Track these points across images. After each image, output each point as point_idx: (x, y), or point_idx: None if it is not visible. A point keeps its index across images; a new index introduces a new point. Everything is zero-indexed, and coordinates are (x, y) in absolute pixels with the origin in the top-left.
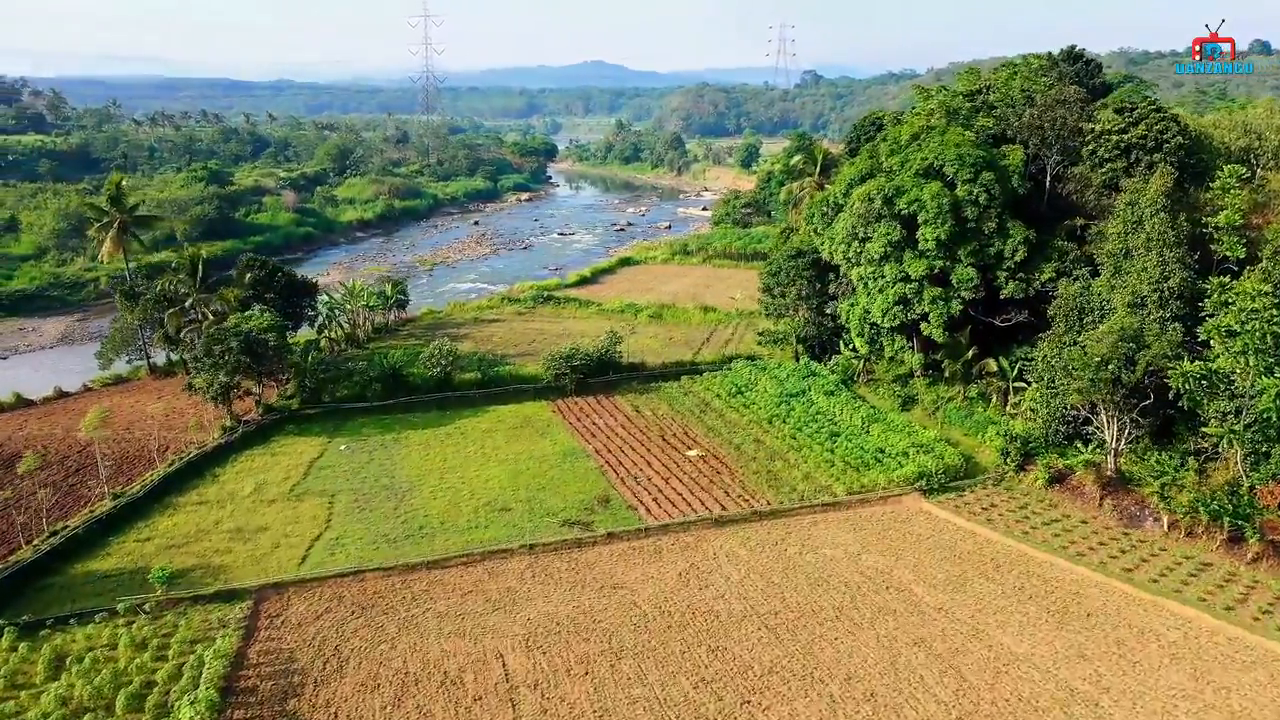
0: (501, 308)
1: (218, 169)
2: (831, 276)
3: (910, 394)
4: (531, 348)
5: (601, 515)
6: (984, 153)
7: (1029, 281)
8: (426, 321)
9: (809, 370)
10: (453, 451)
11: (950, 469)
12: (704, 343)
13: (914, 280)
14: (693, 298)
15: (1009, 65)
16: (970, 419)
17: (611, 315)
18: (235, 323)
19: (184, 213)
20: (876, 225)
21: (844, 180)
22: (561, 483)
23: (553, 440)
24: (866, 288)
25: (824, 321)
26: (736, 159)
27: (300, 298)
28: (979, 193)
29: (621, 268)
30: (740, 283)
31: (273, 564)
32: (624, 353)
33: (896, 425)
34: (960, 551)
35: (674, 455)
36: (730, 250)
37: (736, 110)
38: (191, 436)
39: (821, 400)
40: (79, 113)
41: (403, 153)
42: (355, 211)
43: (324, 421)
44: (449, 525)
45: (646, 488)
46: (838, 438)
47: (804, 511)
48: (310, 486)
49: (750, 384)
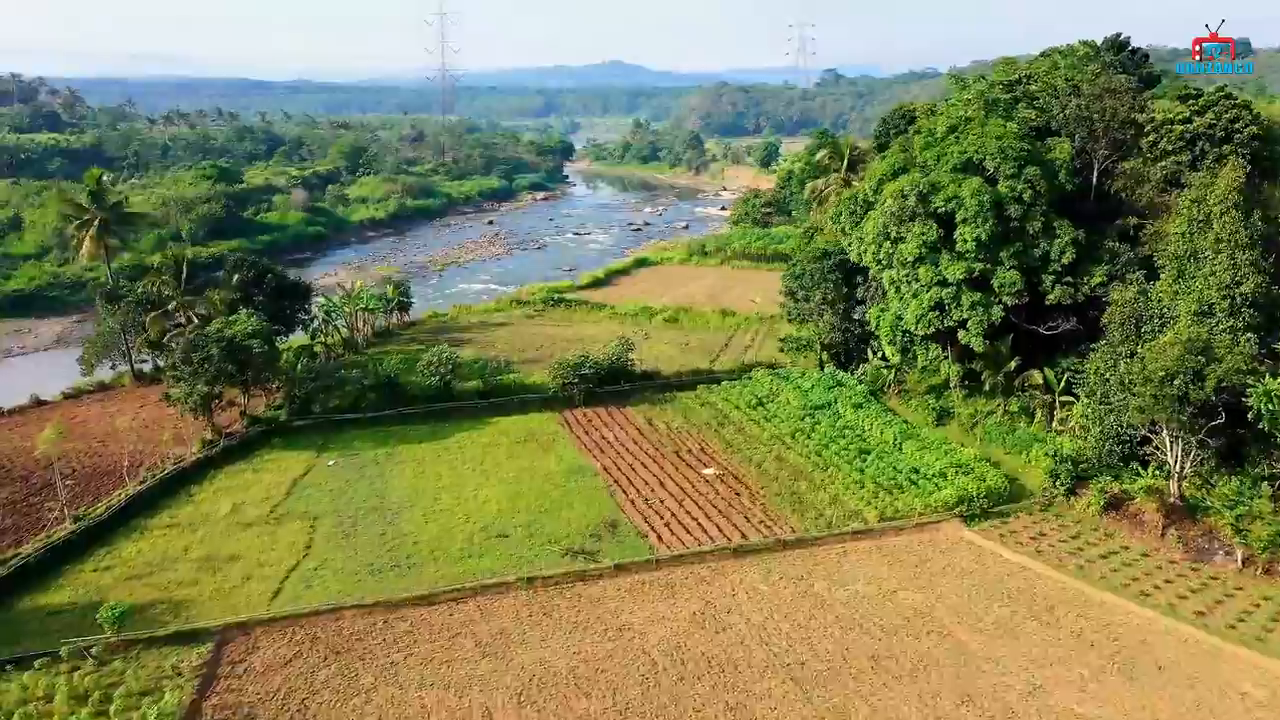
0: (509, 310)
1: (227, 167)
2: (859, 279)
3: (945, 407)
4: (539, 354)
5: (609, 543)
6: (1028, 146)
7: (1077, 286)
8: (430, 325)
9: (835, 380)
10: (449, 468)
11: (993, 492)
12: (722, 349)
13: (951, 284)
14: (711, 300)
15: (1049, 55)
16: (1012, 436)
17: (625, 319)
18: (218, 328)
19: (189, 211)
20: (910, 224)
21: (874, 176)
22: (566, 505)
23: (558, 456)
24: (899, 292)
25: (851, 328)
26: (756, 158)
27: (293, 300)
28: (1023, 189)
29: (637, 269)
30: (760, 285)
31: (241, 599)
32: (637, 360)
33: (931, 442)
34: (1008, 589)
35: (689, 474)
36: (749, 251)
37: (756, 110)
38: (169, 451)
39: (849, 413)
40: (94, 111)
41: (418, 151)
42: (367, 210)
43: (313, 434)
44: (440, 554)
45: (659, 511)
46: (867, 456)
47: (832, 540)
48: (292, 507)
49: (772, 395)
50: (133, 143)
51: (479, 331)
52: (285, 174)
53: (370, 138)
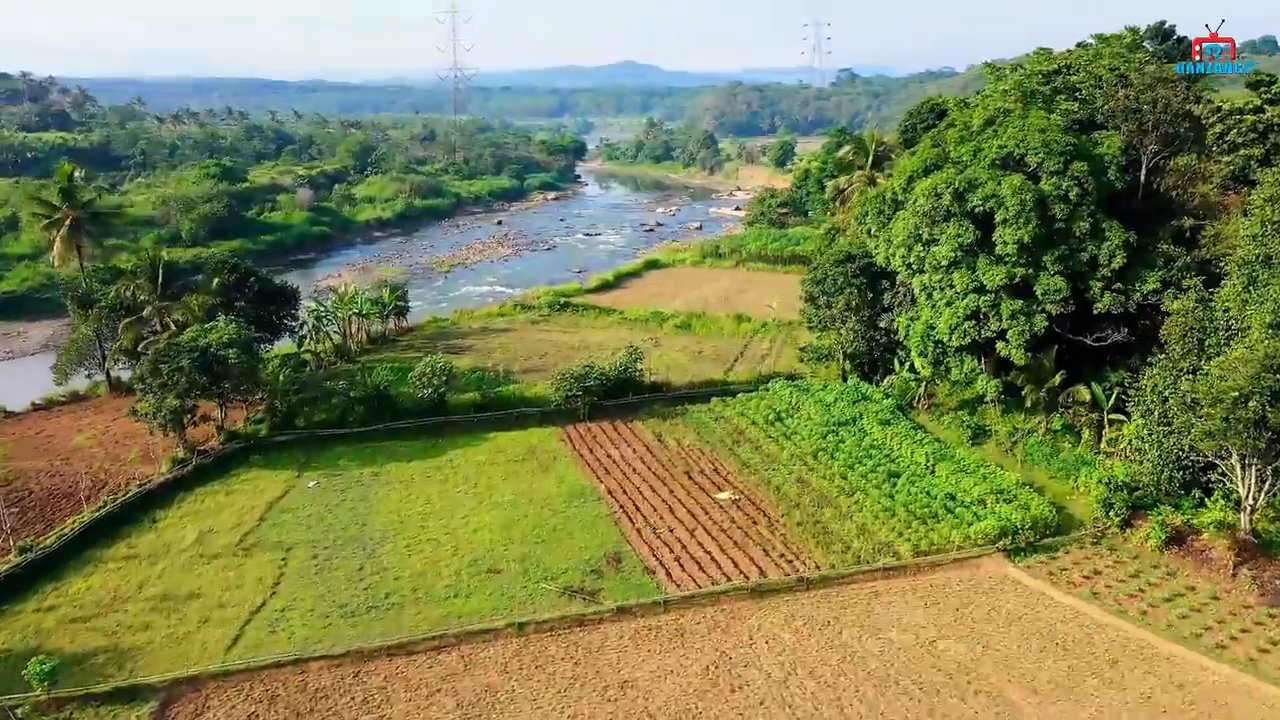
0: (513, 315)
1: (231, 166)
2: (885, 285)
3: (981, 424)
4: (543, 362)
5: (611, 580)
6: (1074, 139)
7: (1128, 293)
8: (429, 331)
9: (859, 393)
10: (440, 490)
11: (1038, 523)
12: (737, 357)
13: (989, 291)
14: (725, 305)
15: (1089, 46)
16: (1056, 458)
17: (634, 325)
18: (193, 336)
19: (190, 211)
20: (945, 225)
21: (904, 173)
22: (566, 534)
23: (559, 477)
24: (931, 299)
25: (876, 336)
26: (771, 158)
27: (279, 305)
28: (1069, 187)
29: (648, 271)
30: (777, 288)
31: (196, 647)
32: (646, 370)
33: (968, 464)
34: (1063, 638)
35: (701, 498)
36: (766, 253)
37: (770, 109)
38: (136, 470)
39: (876, 430)
40: (104, 110)
41: (428, 151)
42: (374, 210)
43: (296, 451)
44: (423, 592)
45: (668, 542)
46: (897, 479)
47: (861, 578)
48: (264, 536)
49: (791, 409)
50: (140, 141)
51: (480, 338)
52: (292, 173)
53: (380, 137)
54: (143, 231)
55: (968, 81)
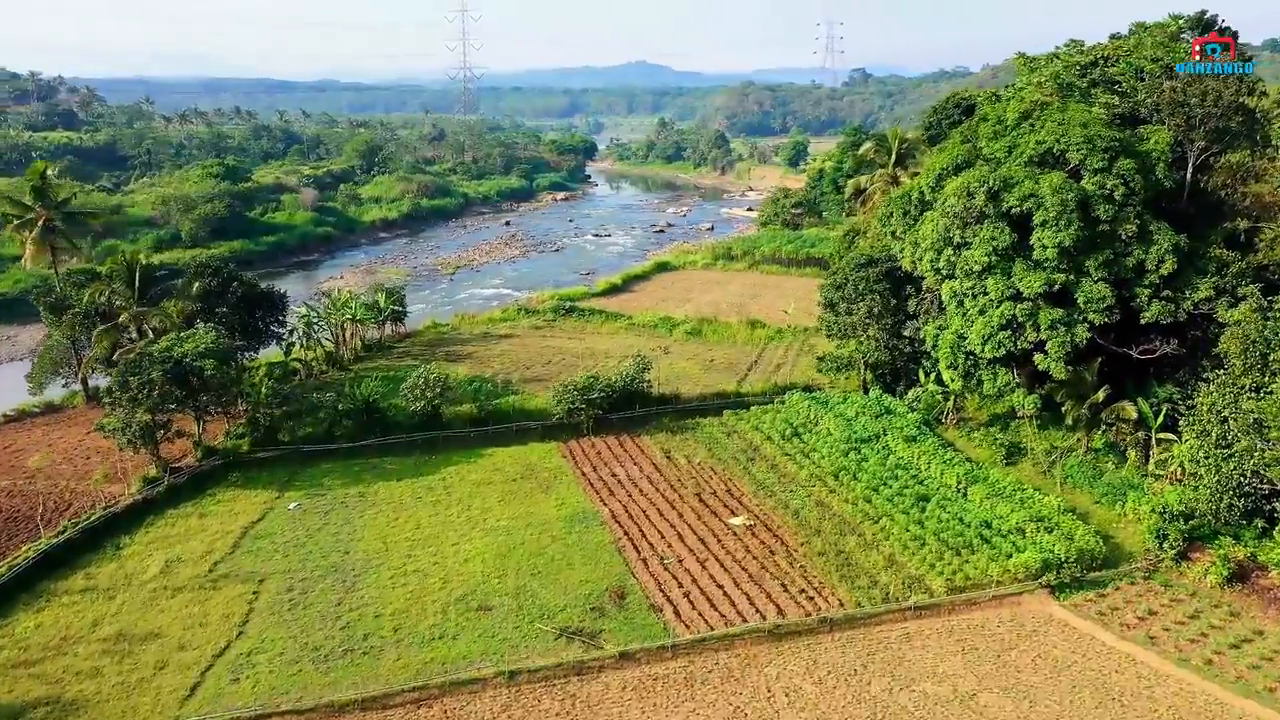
0: (517, 320)
1: (235, 165)
2: (910, 290)
3: (1015, 442)
4: (546, 371)
5: (614, 620)
6: (1119, 134)
7: (1178, 301)
8: (428, 337)
9: (882, 407)
10: (430, 513)
11: (1084, 555)
12: (751, 366)
13: (1026, 298)
14: (737, 310)
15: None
16: (1099, 480)
17: (643, 331)
18: (165, 346)
19: (190, 211)
20: (978, 227)
21: (933, 171)
22: (565, 565)
23: (559, 498)
24: (961, 307)
25: (900, 345)
26: (783, 157)
27: (266, 311)
28: (1114, 185)
29: (657, 274)
30: (792, 292)
31: (148, 698)
32: (654, 380)
33: (1003, 487)
34: (1119, 691)
35: (713, 524)
36: (779, 255)
37: (782, 109)
38: (104, 490)
39: (901, 448)
40: (111, 110)
41: (437, 150)
42: (379, 211)
43: (278, 468)
44: (405, 633)
45: (676, 574)
46: (927, 503)
47: (890, 619)
48: (236, 565)
49: (809, 423)
50: (145, 141)
51: (481, 344)
52: (298, 173)
53: (388, 136)
54: (142, 232)
55: (983, 81)
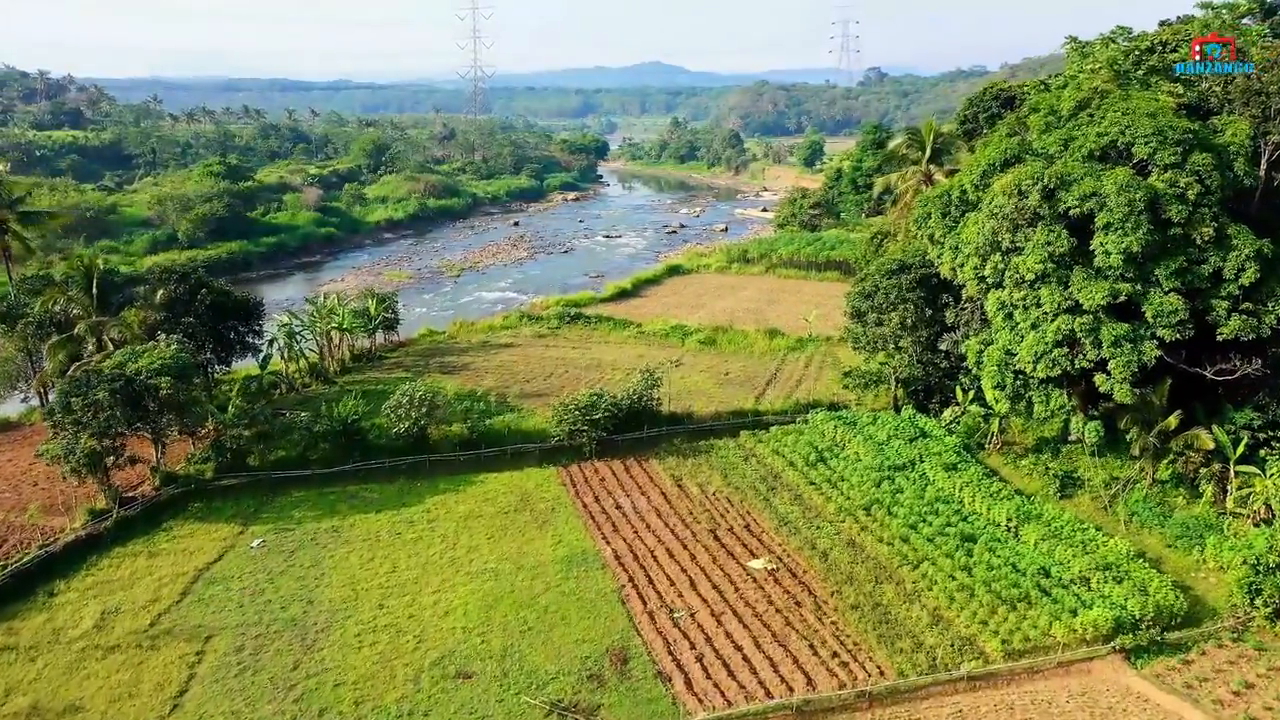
0: (518, 328)
1: (238, 163)
2: (948, 300)
3: (1069, 471)
4: (547, 385)
5: (614, 691)
6: (1192, 125)
7: (1260, 315)
8: (423, 346)
9: (917, 428)
10: (410, 553)
11: (1162, 611)
12: (770, 380)
13: (1086, 311)
14: (754, 317)
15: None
16: (1170, 518)
17: (652, 340)
18: (118, 361)
19: (187, 211)
20: (1031, 231)
21: (978, 167)
22: (560, 618)
23: (556, 535)
24: (1010, 320)
25: (935, 360)
26: (799, 157)
27: (241, 320)
28: (1188, 183)
29: (669, 277)
30: (812, 298)
31: None
32: (664, 396)
33: (1060, 525)
34: None
35: (730, 567)
36: (798, 258)
37: (797, 109)
38: (43, 525)
39: (940, 478)
40: (119, 109)
41: (446, 150)
42: (385, 211)
43: (245, 497)
44: (368, 707)
45: (688, 632)
46: (973, 544)
47: (939, 691)
48: (183, 618)
49: (836, 446)
50: (150, 140)
51: (479, 355)
52: (303, 172)
53: (397, 135)
54: (138, 232)
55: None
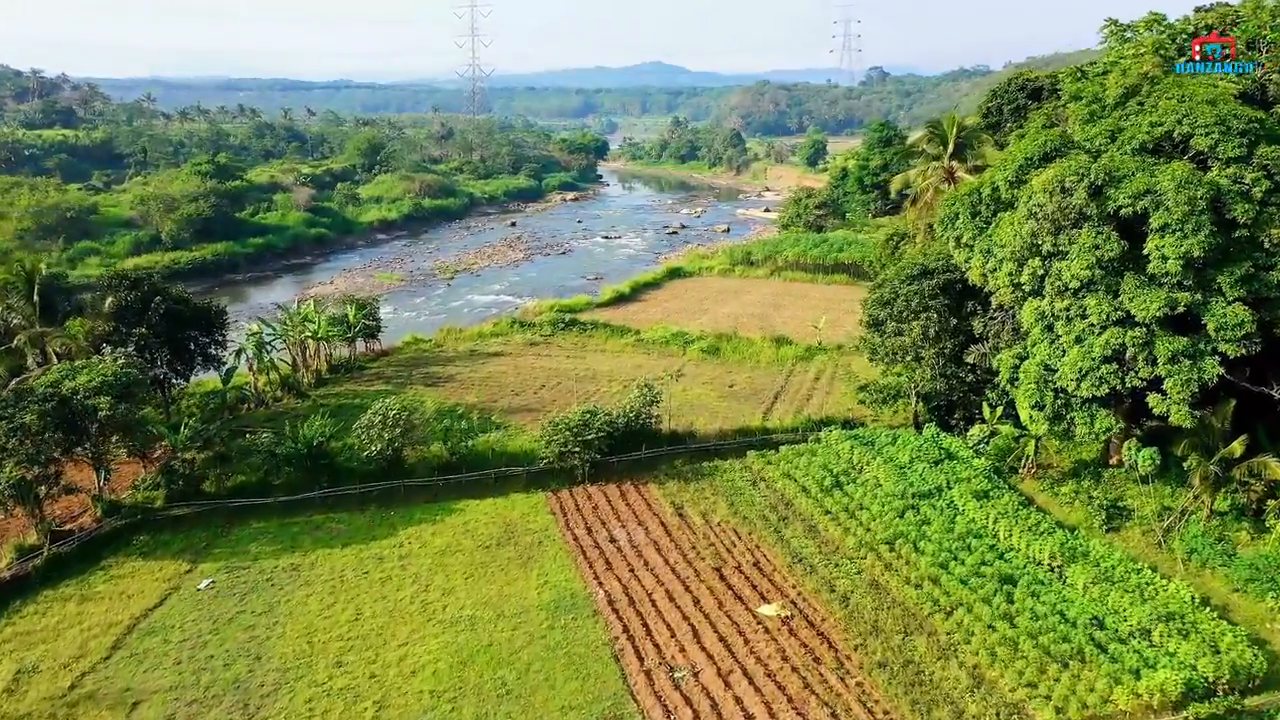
0: (509, 335)
1: (227, 162)
2: (975, 308)
3: (1114, 500)
4: (538, 398)
5: None
6: (1258, 115)
7: None
8: (407, 355)
9: (942, 449)
10: (376, 597)
11: (1240, 673)
12: (777, 394)
13: (1139, 324)
14: (759, 323)
15: None
16: (1235, 557)
17: (652, 349)
18: (54, 378)
19: (172, 211)
20: (1075, 233)
21: (1013, 161)
22: (543, 680)
23: (542, 574)
24: (1050, 332)
25: (959, 373)
26: (801, 157)
27: (201, 330)
28: (1255, 179)
29: (669, 281)
30: (820, 303)
31: None
32: (664, 414)
33: (1111, 565)
34: None
35: (739, 614)
36: (804, 260)
37: (798, 109)
38: None
39: (971, 507)
40: (113, 108)
41: (444, 149)
42: (378, 211)
43: (198, 529)
44: None
45: (690, 696)
46: (1013, 587)
47: None
48: (110, 679)
49: (853, 469)
50: (141, 139)
51: (466, 364)
52: (295, 171)
53: (394, 134)
54: (120, 233)
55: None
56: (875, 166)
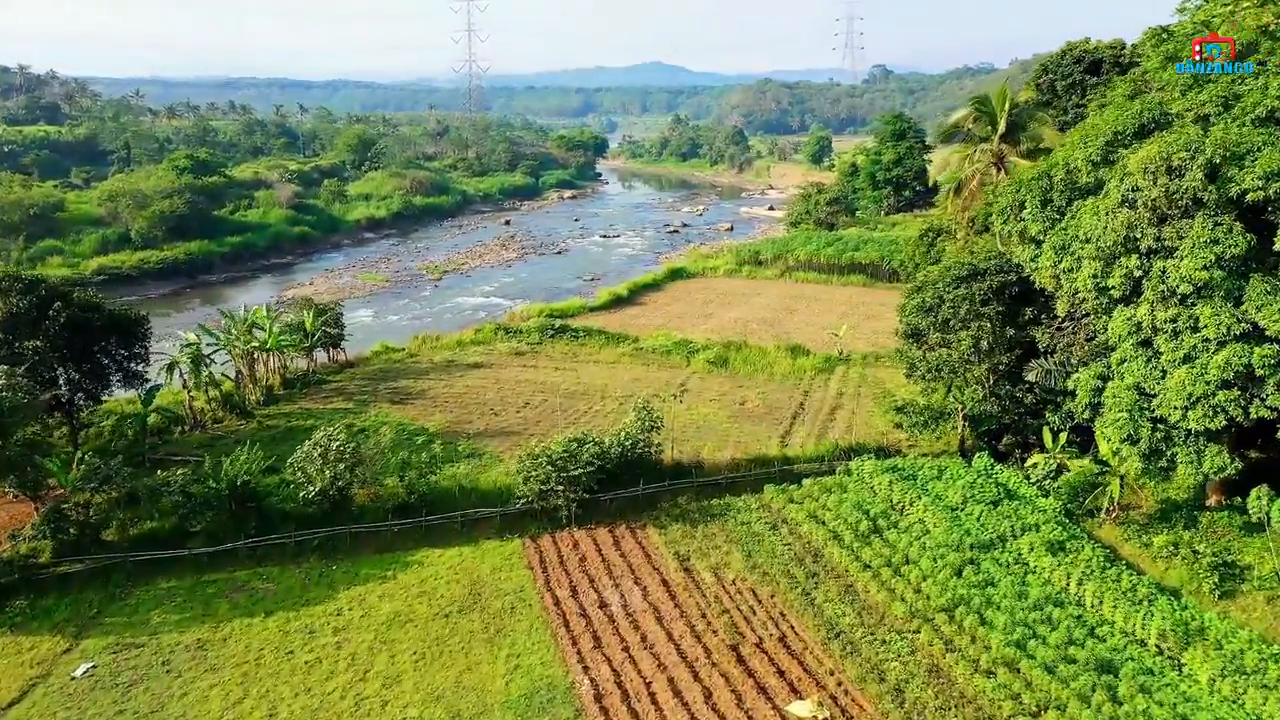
0: (492, 343)
1: (208, 158)
2: (1037, 315)
3: (1221, 553)
4: (520, 420)
5: None
6: None
7: None
8: (375, 366)
9: (999, 486)
10: (298, 688)
11: None
12: (796, 413)
13: (1271, 339)
14: (771, 330)
15: None
16: None
17: (651, 359)
18: None
19: (143, 208)
20: (1187, 223)
21: (1098, 137)
22: None
23: (513, 654)
24: (1148, 347)
25: (1015, 393)
26: (806, 154)
27: (120, 342)
28: None
29: (671, 282)
30: (837, 307)
31: None
32: (665, 439)
33: (1239, 650)
34: None
35: (764, 713)
36: (817, 260)
37: (800, 107)
38: None
39: (1046, 564)
40: (100, 104)
41: (439, 146)
42: (366, 209)
43: (91, 589)
44: None
45: None
46: (1115, 678)
47: None
48: None
49: (893, 510)
50: (124, 135)
51: (441, 378)
52: (281, 167)
53: (389, 131)
54: (87, 231)
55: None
56: (888, 161)
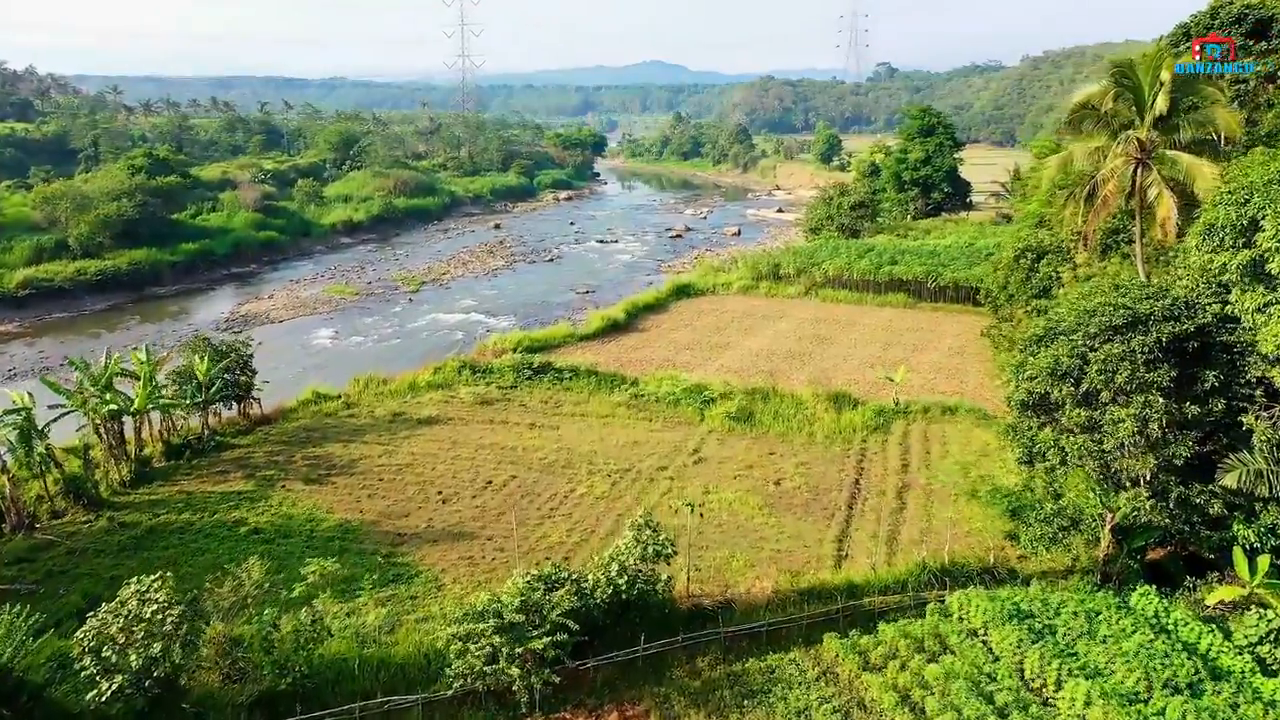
0: (454, 386)
1: (166, 157)
2: (1225, 377)
3: None
4: (478, 508)
5: None
6: None
7: None
8: (299, 422)
9: (1181, 643)
10: None
11: None
12: (851, 498)
13: None
14: (804, 367)
15: None
16: None
17: (655, 412)
18: None
19: (84, 211)
20: None
21: None
22: None
23: None
24: None
25: (1196, 500)
26: (814, 153)
27: None
28: None
29: (676, 301)
30: (879, 335)
31: None
32: (683, 569)
33: None
34: None
35: None
36: (848, 275)
37: (804, 105)
38: None
39: None
40: (73, 101)
41: (430, 145)
42: (344, 211)
43: None
44: None
45: None
46: None
47: None
48: None
49: (1026, 689)
50: (92, 132)
51: (381, 439)
52: (254, 166)
53: (378, 129)
54: (20, 238)
55: (1022, 74)
56: (915, 160)
